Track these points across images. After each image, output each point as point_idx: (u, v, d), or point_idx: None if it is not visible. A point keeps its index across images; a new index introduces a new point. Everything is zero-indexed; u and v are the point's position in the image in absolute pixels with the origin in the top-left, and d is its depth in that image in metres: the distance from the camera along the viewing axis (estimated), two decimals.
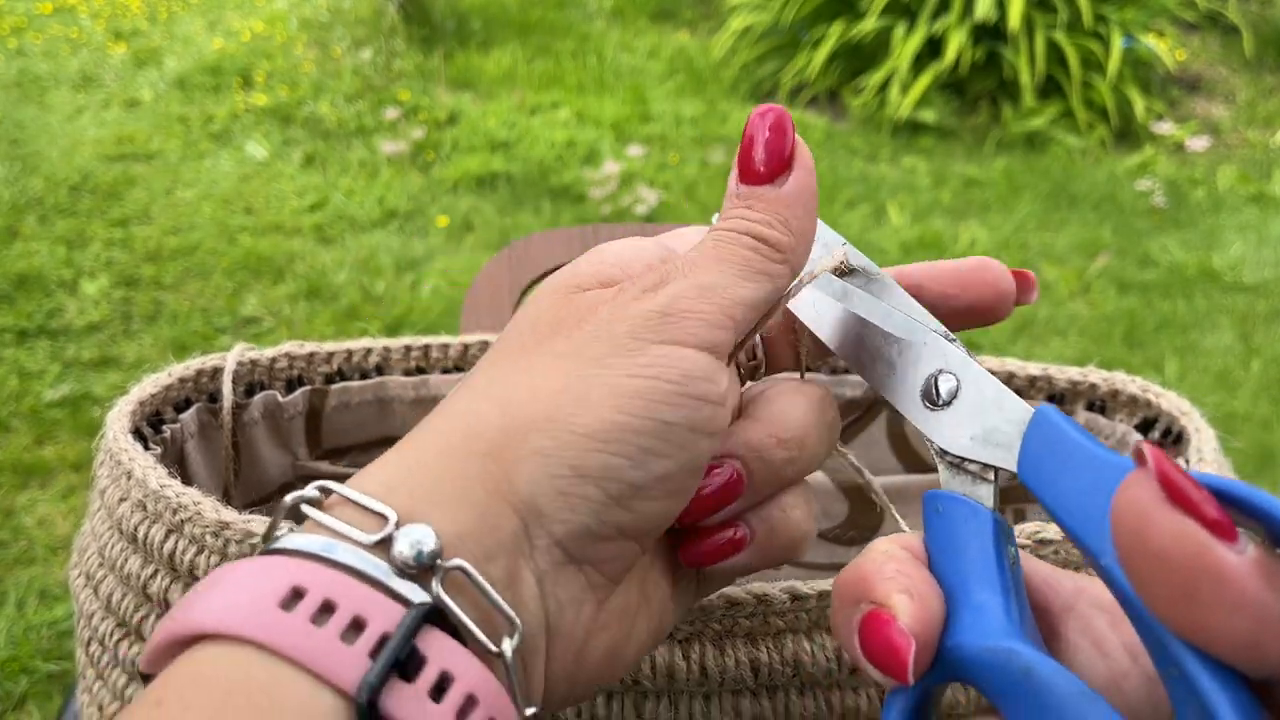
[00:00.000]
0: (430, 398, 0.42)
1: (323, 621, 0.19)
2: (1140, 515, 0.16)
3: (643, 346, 0.22)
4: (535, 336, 0.24)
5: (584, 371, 0.22)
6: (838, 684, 0.27)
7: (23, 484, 1.43)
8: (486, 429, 0.22)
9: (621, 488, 0.22)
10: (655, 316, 0.23)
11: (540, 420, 0.22)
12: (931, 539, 0.22)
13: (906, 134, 2.68)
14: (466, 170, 2.39)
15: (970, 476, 0.22)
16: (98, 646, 0.32)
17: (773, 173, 0.25)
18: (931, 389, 0.23)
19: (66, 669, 1.18)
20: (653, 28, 3.42)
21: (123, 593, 0.31)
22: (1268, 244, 2.24)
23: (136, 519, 0.30)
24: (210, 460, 0.39)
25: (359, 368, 0.42)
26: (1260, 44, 3.08)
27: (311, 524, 0.21)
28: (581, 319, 0.23)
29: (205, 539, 0.28)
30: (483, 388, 0.23)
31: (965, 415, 0.22)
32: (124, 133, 2.53)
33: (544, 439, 0.22)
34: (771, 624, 0.28)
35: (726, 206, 0.25)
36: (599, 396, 0.22)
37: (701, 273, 0.23)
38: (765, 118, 0.25)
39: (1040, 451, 0.20)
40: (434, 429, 0.23)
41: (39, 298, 1.85)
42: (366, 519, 0.21)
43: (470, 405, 0.23)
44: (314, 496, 0.21)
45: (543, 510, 0.21)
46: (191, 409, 0.38)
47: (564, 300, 0.24)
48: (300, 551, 0.20)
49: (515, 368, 0.23)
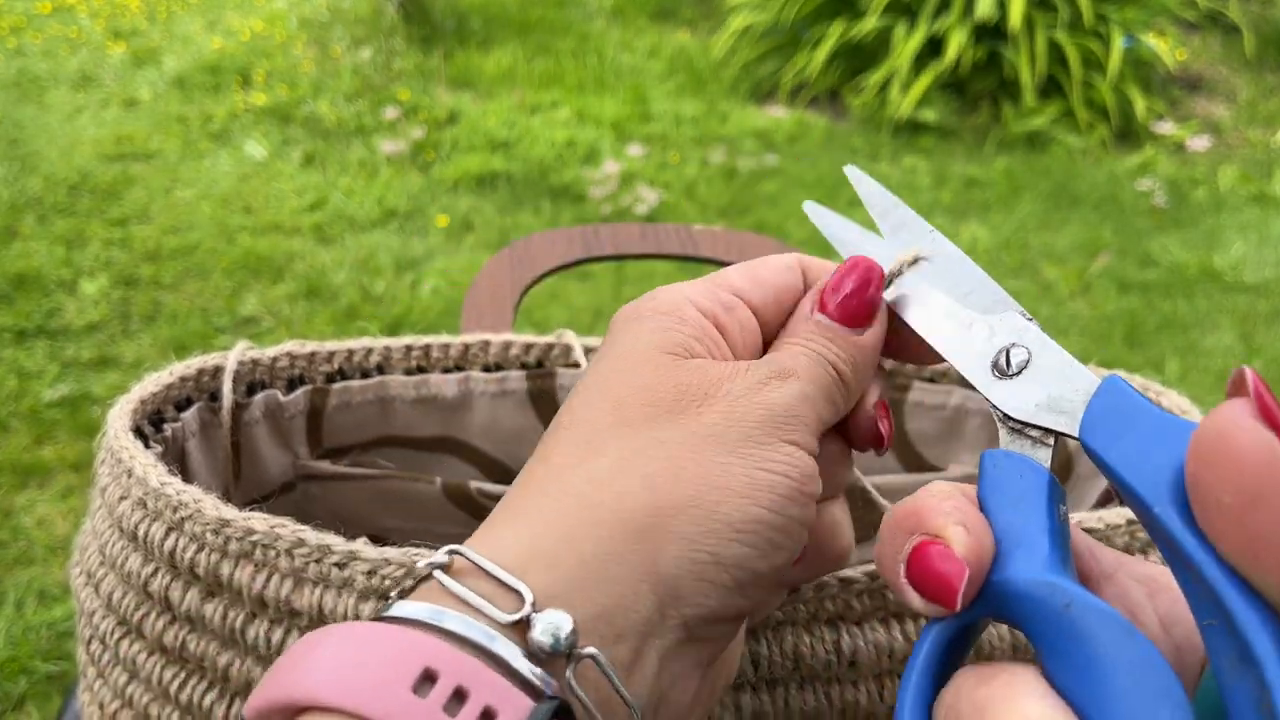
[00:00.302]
0: (431, 397, 0.42)
1: (454, 711, 0.18)
2: (1227, 423, 0.17)
3: (774, 442, 0.23)
4: (659, 408, 0.23)
5: (723, 459, 0.23)
6: (837, 678, 0.27)
7: (22, 484, 1.43)
8: (636, 507, 0.22)
9: (747, 576, 0.23)
10: (782, 413, 0.24)
11: (686, 504, 0.22)
12: (985, 489, 0.22)
13: (907, 133, 2.68)
14: (466, 170, 2.39)
15: (1030, 441, 0.23)
16: (98, 644, 0.32)
17: (856, 323, 0.26)
18: (1003, 359, 0.24)
19: (66, 669, 1.17)
20: (653, 27, 3.42)
21: (123, 591, 0.31)
22: (1269, 244, 2.24)
23: (137, 517, 0.30)
24: (211, 459, 0.39)
25: (360, 367, 0.41)
26: (1261, 43, 3.08)
27: (439, 589, 0.21)
28: (707, 395, 0.24)
29: (205, 537, 0.28)
30: (621, 460, 0.23)
31: (1033, 384, 0.23)
32: (123, 132, 2.53)
33: (690, 525, 0.22)
34: (770, 617, 0.28)
35: (806, 326, 0.26)
36: (739, 486, 0.22)
37: (805, 383, 0.25)
38: (858, 268, 0.26)
39: (1104, 415, 0.21)
40: (572, 494, 0.22)
41: (38, 298, 1.85)
42: (500, 593, 0.20)
43: (613, 478, 0.22)
44: (444, 561, 0.21)
45: (680, 593, 0.22)
46: (192, 408, 0.38)
47: (674, 369, 0.24)
48: (432, 626, 0.20)
49: (651, 442, 0.23)
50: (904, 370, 0.41)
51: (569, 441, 0.23)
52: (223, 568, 0.28)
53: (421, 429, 0.43)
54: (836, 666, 0.27)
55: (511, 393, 0.43)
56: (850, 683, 0.27)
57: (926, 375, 0.41)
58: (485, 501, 0.42)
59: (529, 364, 0.43)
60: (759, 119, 2.76)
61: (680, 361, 0.24)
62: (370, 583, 0.26)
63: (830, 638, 0.27)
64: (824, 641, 0.27)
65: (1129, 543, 0.28)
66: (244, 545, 0.28)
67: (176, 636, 0.29)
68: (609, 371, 0.25)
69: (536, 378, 0.43)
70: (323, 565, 0.27)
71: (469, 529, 0.43)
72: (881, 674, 0.28)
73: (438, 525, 0.43)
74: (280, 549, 0.27)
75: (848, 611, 0.27)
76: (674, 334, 0.25)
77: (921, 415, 0.42)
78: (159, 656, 0.30)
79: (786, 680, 0.27)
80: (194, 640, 0.29)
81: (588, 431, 0.24)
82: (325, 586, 0.27)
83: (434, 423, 0.43)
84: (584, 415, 0.24)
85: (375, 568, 0.26)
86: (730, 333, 0.26)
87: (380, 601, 0.26)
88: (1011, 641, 0.28)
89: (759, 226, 2.23)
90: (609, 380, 0.24)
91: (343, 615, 0.26)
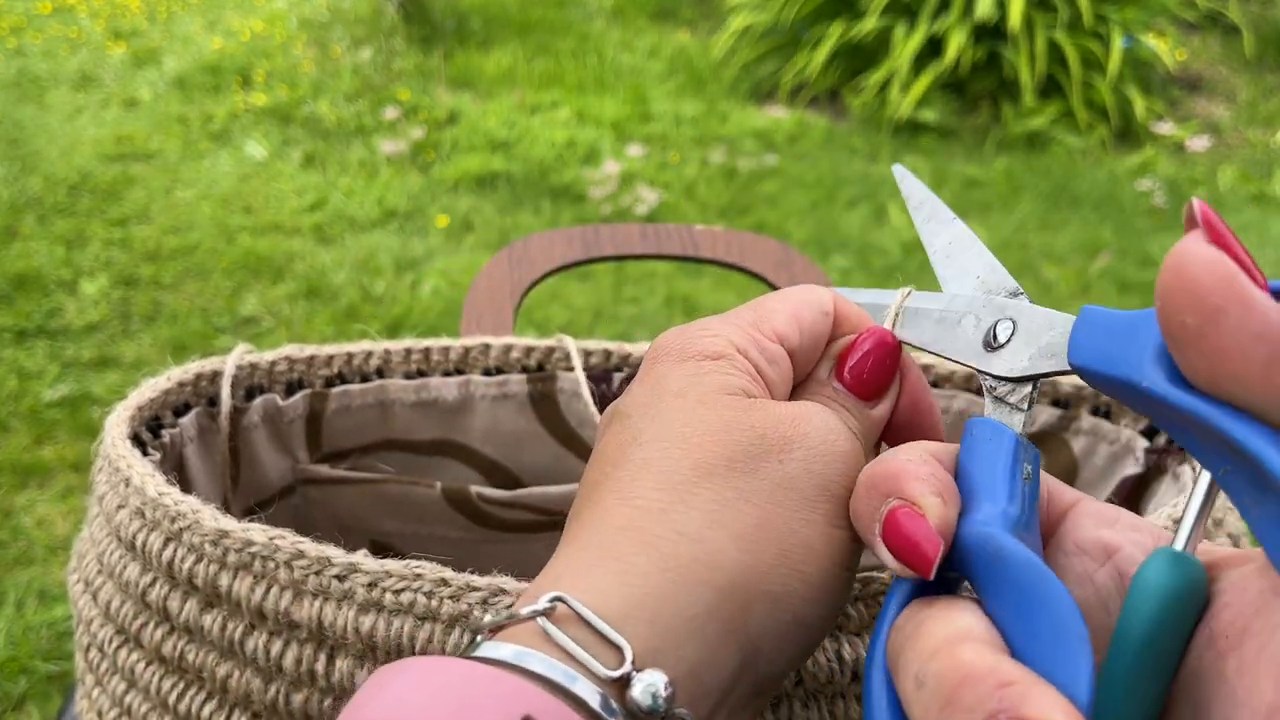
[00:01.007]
0: (431, 400, 0.42)
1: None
2: (1182, 252, 0.18)
3: (844, 495, 0.24)
4: (737, 455, 0.23)
5: (805, 514, 0.23)
6: (840, 693, 0.27)
7: (22, 484, 1.43)
8: (728, 567, 0.22)
9: (819, 634, 0.23)
10: (844, 467, 0.24)
11: (774, 564, 0.22)
12: (963, 453, 0.24)
13: (907, 134, 2.68)
14: (466, 170, 2.39)
15: (1008, 408, 0.25)
16: (97, 652, 0.32)
17: (868, 396, 0.27)
18: (990, 336, 0.26)
19: (66, 669, 1.17)
20: (653, 27, 3.42)
21: (121, 599, 0.31)
22: (1268, 244, 2.24)
23: (135, 526, 0.30)
24: (210, 465, 0.39)
25: (359, 371, 0.41)
26: (1261, 44, 3.07)
27: (535, 632, 0.21)
28: (786, 441, 0.24)
29: (204, 548, 0.28)
30: (708, 514, 0.22)
31: (1022, 344, 0.25)
32: (123, 132, 2.53)
33: (777, 584, 0.22)
34: None
35: (825, 390, 0.27)
36: (820, 545, 0.23)
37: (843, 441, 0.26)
38: (879, 345, 0.27)
39: (1086, 338, 0.22)
40: (666, 548, 0.22)
41: (38, 298, 1.85)
42: (599, 644, 0.20)
43: (703, 534, 0.22)
44: (547, 609, 0.21)
45: (761, 651, 0.22)
46: (190, 413, 0.38)
47: (745, 412, 0.24)
48: (531, 672, 0.20)
49: (736, 494, 0.23)
50: None
51: (648, 485, 0.23)
52: (221, 579, 0.28)
53: (421, 432, 0.43)
54: (839, 677, 0.27)
55: (512, 396, 0.43)
56: (855, 699, 0.27)
57: (930, 380, 0.41)
58: (485, 505, 0.42)
59: (529, 367, 0.43)
60: (759, 119, 2.76)
61: (748, 404, 0.24)
62: (371, 595, 0.26)
63: (831, 647, 0.27)
64: (824, 650, 0.27)
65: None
66: (243, 557, 0.27)
67: (175, 646, 0.29)
68: (674, 412, 0.24)
69: (537, 381, 0.43)
70: (322, 577, 0.26)
71: (469, 533, 0.43)
72: (817, 693, 0.28)
73: (437, 529, 0.43)
74: (280, 560, 0.27)
75: (845, 621, 0.27)
76: (732, 378, 0.25)
77: None
78: (158, 666, 0.30)
79: (790, 696, 0.27)
80: (193, 651, 0.29)
81: (667, 476, 0.23)
82: (325, 599, 0.26)
83: (434, 426, 0.43)
84: (658, 457, 0.23)
85: (376, 580, 0.26)
86: (770, 379, 0.26)
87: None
88: None
89: (759, 226, 2.22)
90: (677, 421, 0.24)
91: (343, 628, 0.26)
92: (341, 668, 0.26)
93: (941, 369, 0.41)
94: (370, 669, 0.26)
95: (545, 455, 0.44)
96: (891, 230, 2.25)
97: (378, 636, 0.26)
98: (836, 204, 2.36)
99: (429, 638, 0.26)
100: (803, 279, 0.55)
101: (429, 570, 0.26)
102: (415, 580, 0.26)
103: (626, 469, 0.24)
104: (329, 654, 0.27)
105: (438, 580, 0.26)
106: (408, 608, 0.26)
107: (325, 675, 0.27)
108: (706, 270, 2.01)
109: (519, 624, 0.21)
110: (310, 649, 0.27)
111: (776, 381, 0.26)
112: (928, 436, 0.28)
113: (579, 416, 0.43)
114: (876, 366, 0.27)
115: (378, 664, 0.26)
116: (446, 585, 0.26)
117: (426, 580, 0.26)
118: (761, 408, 0.24)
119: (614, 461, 0.24)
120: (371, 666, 0.26)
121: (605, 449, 0.25)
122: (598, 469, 0.24)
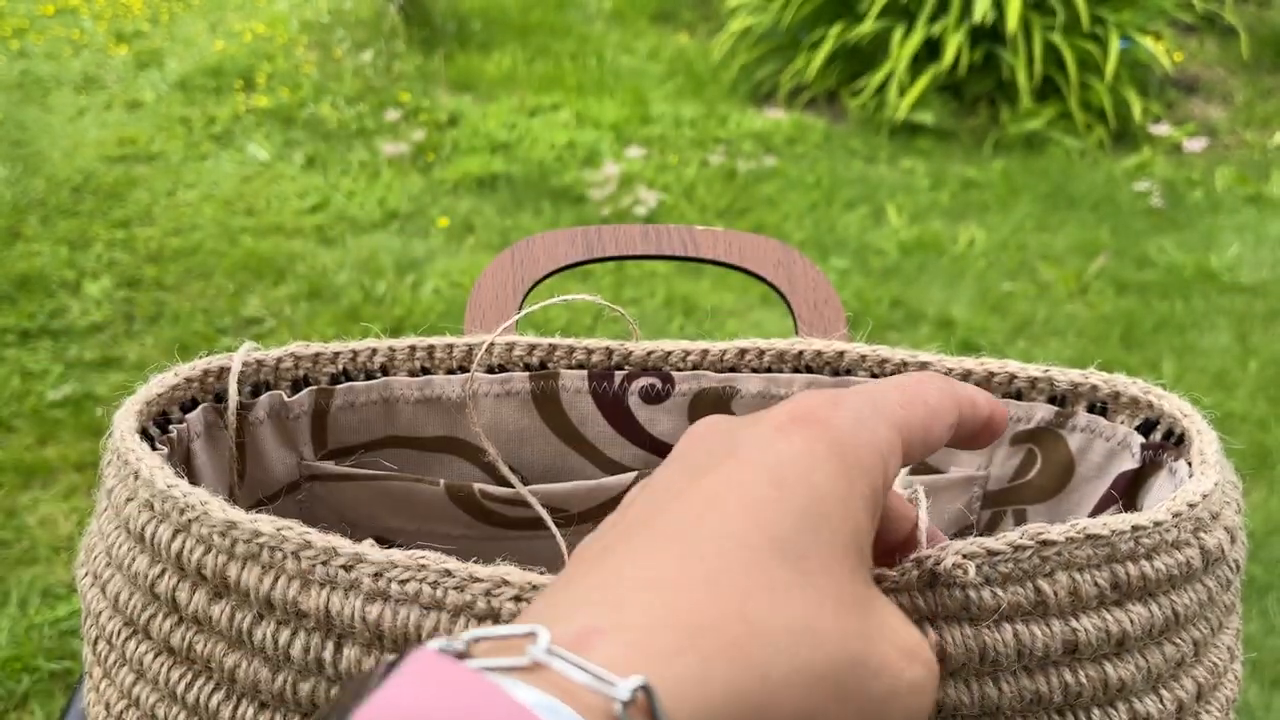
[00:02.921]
0: (435, 398, 0.43)
1: None
2: None
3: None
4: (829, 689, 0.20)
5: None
6: None
7: (25, 484, 1.43)
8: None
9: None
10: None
11: None
12: None
13: (905, 135, 2.69)
14: (467, 171, 2.40)
15: None
16: (105, 645, 0.33)
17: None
18: None
19: (69, 668, 1.18)
20: (652, 29, 3.42)
21: (130, 591, 0.31)
22: (1265, 244, 2.25)
23: (144, 518, 0.31)
24: (216, 460, 0.40)
25: (364, 368, 0.42)
26: (1257, 45, 3.08)
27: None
28: (877, 684, 0.22)
29: (213, 539, 0.29)
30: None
31: None
32: (126, 134, 2.53)
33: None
34: None
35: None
36: None
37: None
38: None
39: None
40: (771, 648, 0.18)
41: (41, 298, 1.86)
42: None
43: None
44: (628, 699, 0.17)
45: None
46: (198, 409, 0.38)
47: (863, 607, 0.22)
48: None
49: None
50: (904, 372, 0.42)
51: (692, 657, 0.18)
52: (230, 569, 0.28)
53: (426, 429, 0.43)
54: None
55: (515, 394, 0.43)
56: None
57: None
58: (488, 503, 0.43)
59: (532, 365, 0.43)
60: (758, 121, 2.77)
61: (873, 595, 0.21)
62: (377, 585, 0.27)
63: None
64: None
65: (1134, 548, 0.29)
66: (251, 547, 0.28)
67: (184, 637, 0.30)
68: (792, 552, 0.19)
69: (540, 379, 0.43)
70: (329, 567, 0.27)
71: (472, 530, 0.44)
72: None
73: (441, 526, 0.43)
74: (287, 551, 0.27)
75: None
76: (867, 531, 0.21)
77: None
78: (166, 656, 0.30)
79: None
80: (201, 641, 0.29)
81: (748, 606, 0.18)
82: (332, 588, 0.27)
83: (438, 423, 0.43)
84: (753, 577, 0.19)
85: (381, 570, 0.27)
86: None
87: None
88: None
89: (758, 227, 2.23)
90: (782, 555, 0.19)
91: (350, 617, 0.27)
92: (349, 656, 0.27)
93: (939, 367, 0.42)
94: (377, 657, 0.27)
95: (548, 453, 0.44)
96: (890, 231, 2.26)
97: (384, 625, 0.26)
98: (835, 205, 2.36)
99: (435, 626, 0.26)
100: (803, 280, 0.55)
101: (433, 560, 0.27)
102: (420, 570, 0.26)
103: (672, 545, 0.19)
104: (336, 643, 0.27)
105: (442, 571, 0.26)
106: (413, 597, 0.26)
107: (333, 664, 0.27)
108: (706, 271, 2.01)
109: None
110: (318, 638, 0.27)
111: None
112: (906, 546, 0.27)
113: (581, 414, 0.43)
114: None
115: (384, 652, 0.27)
116: (450, 576, 0.26)
117: (431, 570, 0.26)
118: (879, 611, 0.21)
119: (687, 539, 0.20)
120: (378, 655, 0.27)
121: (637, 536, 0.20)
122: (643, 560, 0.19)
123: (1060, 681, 0.28)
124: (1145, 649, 0.29)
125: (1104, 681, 0.28)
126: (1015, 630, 0.27)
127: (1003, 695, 0.27)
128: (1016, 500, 0.42)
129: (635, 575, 0.19)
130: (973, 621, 0.27)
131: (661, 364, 0.43)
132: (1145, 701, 0.29)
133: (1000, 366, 0.40)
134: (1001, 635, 0.27)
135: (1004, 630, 0.27)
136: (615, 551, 0.20)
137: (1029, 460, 0.41)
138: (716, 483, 0.20)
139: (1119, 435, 0.39)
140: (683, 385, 0.42)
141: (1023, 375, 0.40)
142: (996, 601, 0.27)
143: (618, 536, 0.20)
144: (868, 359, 0.41)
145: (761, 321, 1.91)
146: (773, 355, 0.42)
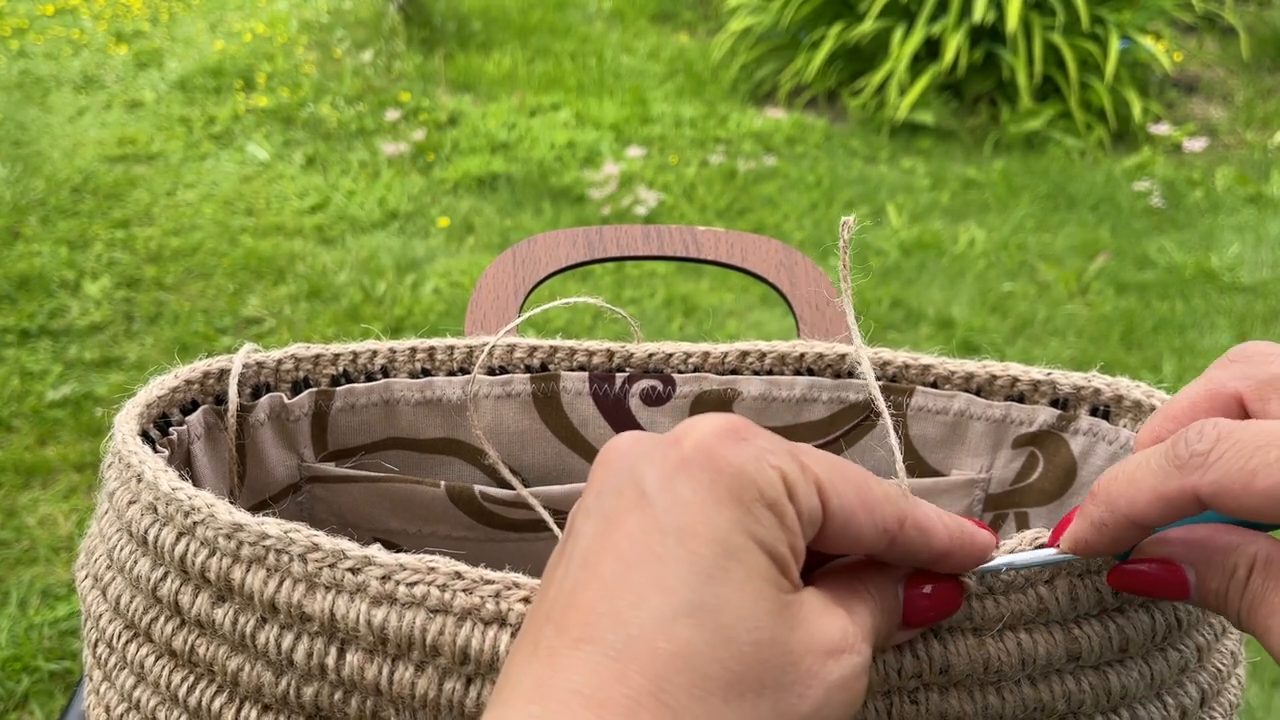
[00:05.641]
0: (436, 399, 0.42)
1: None
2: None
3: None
4: (749, 678, 0.22)
5: None
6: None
7: (25, 484, 1.43)
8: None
9: None
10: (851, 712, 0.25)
11: None
12: None
13: (905, 135, 2.69)
14: (467, 171, 2.40)
15: None
16: (105, 648, 0.33)
17: (918, 624, 0.27)
18: None
19: (69, 668, 1.18)
20: (652, 29, 3.42)
21: (131, 595, 0.31)
22: (1265, 244, 2.25)
23: (147, 522, 0.31)
24: (217, 462, 0.40)
25: (364, 369, 0.42)
26: (1257, 45, 3.08)
27: None
28: (812, 676, 0.24)
29: (217, 542, 0.28)
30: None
31: None
32: (126, 134, 2.53)
33: None
34: None
35: (886, 594, 0.26)
36: None
37: (866, 656, 0.26)
38: (953, 596, 0.26)
39: None
40: None
41: (41, 298, 1.86)
42: None
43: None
44: None
45: None
46: (198, 411, 0.38)
47: (787, 626, 0.23)
48: None
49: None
50: (907, 374, 0.42)
51: (620, 688, 0.20)
52: (235, 572, 0.28)
53: (426, 431, 0.43)
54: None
55: (516, 395, 0.43)
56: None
57: (930, 380, 0.42)
58: (488, 505, 0.42)
59: (533, 367, 0.43)
60: (758, 121, 2.77)
61: (793, 615, 0.22)
62: (384, 589, 0.26)
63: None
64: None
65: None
66: (256, 550, 0.28)
67: (186, 640, 0.29)
68: (685, 589, 0.21)
69: (541, 381, 0.43)
70: (336, 571, 0.27)
71: (472, 532, 0.44)
72: (890, 691, 0.28)
73: (441, 528, 0.43)
74: (294, 554, 0.27)
75: None
76: (784, 555, 0.22)
77: (924, 419, 0.42)
78: (168, 660, 0.30)
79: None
80: (203, 644, 0.29)
81: (647, 678, 0.20)
82: (338, 592, 0.27)
83: (438, 425, 0.43)
84: (645, 652, 0.20)
85: (390, 573, 0.26)
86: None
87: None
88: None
89: (758, 228, 2.23)
90: (679, 594, 0.21)
91: (355, 621, 0.27)
92: (352, 661, 0.27)
93: (941, 369, 0.42)
94: (380, 663, 0.27)
95: (548, 455, 0.44)
96: (890, 231, 2.26)
97: (389, 629, 0.26)
98: (835, 205, 2.36)
99: (440, 630, 0.26)
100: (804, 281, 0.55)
101: (443, 564, 0.26)
102: (429, 574, 0.26)
103: (601, 645, 0.20)
104: (340, 647, 0.27)
105: (451, 574, 0.26)
106: (420, 601, 0.26)
107: (336, 669, 0.27)
108: (706, 271, 2.01)
109: None
110: (321, 642, 0.27)
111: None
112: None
113: (582, 416, 0.43)
114: (940, 614, 0.26)
115: (388, 658, 0.27)
116: (460, 579, 0.26)
117: (440, 574, 0.26)
118: (803, 624, 0.22)
119: (576, 576, 0.22)
120: (382, 660, 0.27)
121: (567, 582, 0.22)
122: (559, 611, 0.21)
123: (1063, 689, 0.28)
124: (1148, 655, 0.29)
125: (1106, 689, 0.28)
126: (1019, 639, 0.27)
127: (1005, 704, 0.27)
128: (1018, 503, 0.42)
129: (565, 687, 0.20)
130: (976, 632, 0.27)
131: (662, 366, 0.42)
132: (1148, 708, 0.29)
133: (1002, 370, 0.40)
134: (1005, 644, 0.27)
135: (1007, 639, 0.27)
136: (542, 655, 0.21)
137: (1031, 463, 0.41)
138: (627, 546, 0.21)
139: (1121, 439, 0.39)
140: (684, 387, 0.42)
141: (1025, 378, 0.40)
142: (1000, 610, 0.27)
143: (550, 632, 0.21)
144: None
145: (762, 322, 1.91)
146: (774, 357, 0.42)
